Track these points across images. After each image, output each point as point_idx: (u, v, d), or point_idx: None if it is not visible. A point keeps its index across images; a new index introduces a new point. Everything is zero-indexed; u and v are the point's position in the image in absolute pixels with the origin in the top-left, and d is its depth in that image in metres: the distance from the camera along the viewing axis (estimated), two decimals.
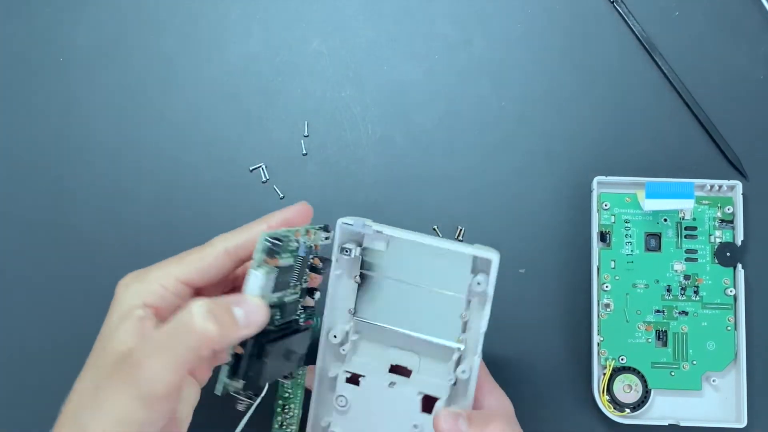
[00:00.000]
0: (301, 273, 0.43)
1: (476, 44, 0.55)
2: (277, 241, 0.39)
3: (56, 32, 0.55)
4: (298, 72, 0.55)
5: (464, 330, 0.45)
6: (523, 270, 0.53)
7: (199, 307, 0.35)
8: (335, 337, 0.45)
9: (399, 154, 0.54)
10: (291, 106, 0.54)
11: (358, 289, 0.46)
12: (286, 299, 0.41)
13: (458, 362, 0.44)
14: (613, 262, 0.51)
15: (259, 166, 0.54)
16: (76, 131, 0.54)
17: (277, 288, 0.40)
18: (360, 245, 0.45)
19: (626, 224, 0.51)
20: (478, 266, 0.44)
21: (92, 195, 0.54)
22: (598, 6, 0.55)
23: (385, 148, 0.54)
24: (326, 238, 0.44)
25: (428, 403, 0.43)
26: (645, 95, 0.54)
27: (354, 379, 0.44)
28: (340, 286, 0.46)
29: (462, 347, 0.44)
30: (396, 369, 0.46)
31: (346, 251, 0.45)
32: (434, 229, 0.53)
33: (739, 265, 0.51)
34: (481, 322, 0.43)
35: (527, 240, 0.53)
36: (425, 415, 0.43)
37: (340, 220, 0.45)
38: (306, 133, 0.54)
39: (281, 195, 0.54)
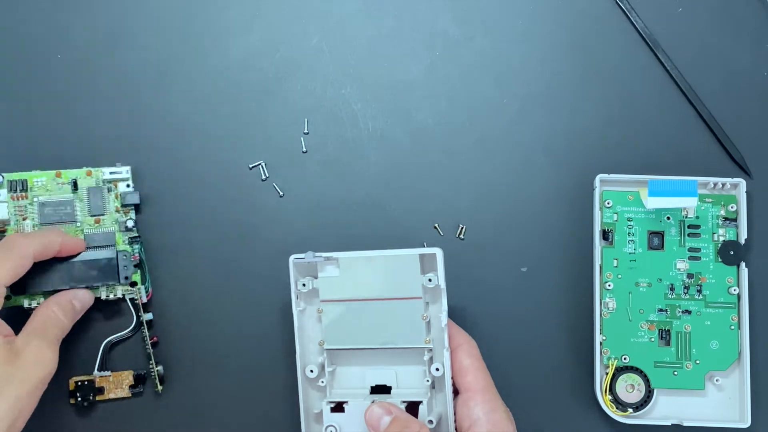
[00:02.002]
0: (97, 206, 0.51)
1: (478, 41, 0.54)
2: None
3: (54, 29, 0.55)
4: (298, 69, 0.54)
5: (429, 330, 0.47)
6: (525, 268, 0.52)
7: (59, 307, 0.48)
8: (312, 371, 0.48)
9: (400, 152, 0.54)
10: (291, 103, 0.54)
11: (323, 320, 0.48)
12: (87, 230, 0.50)
13: (431, 362, 0.47)
14: (615, 261, 0.51)
15: (259, 164, 0.53)
16: (75, 128, 0.54)
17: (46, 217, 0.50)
18: (315, 277, 0.48)
19: (629, 222, 0.51)
20: (426, 266, 0.47)
21: None
22: (600, 2, 0.54)
23: (385, 145, 0.54)
24: (111, 173, 0.51)
25: (413, 409, 0.45)
26: (648, 92, 0.53)
27: (339, 407, 0.46)
28: (305, 321, 0.48)
29: (431, 346, 0.47)
30: (377, 387, 0.48)
31: (305, 285, 0.48)
32: (435, 228, 0.53)
33: (743, 264, 0.50)
34: (441, 315, 0.46)
35: (529, 238, 0.52)
36: None
37: (292, 257, 0.47)
38: (306, 131, 0.54)
39: (281, 193, 0.53)
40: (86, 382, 0.51)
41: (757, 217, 0.52)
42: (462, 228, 0.53)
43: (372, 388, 0.48)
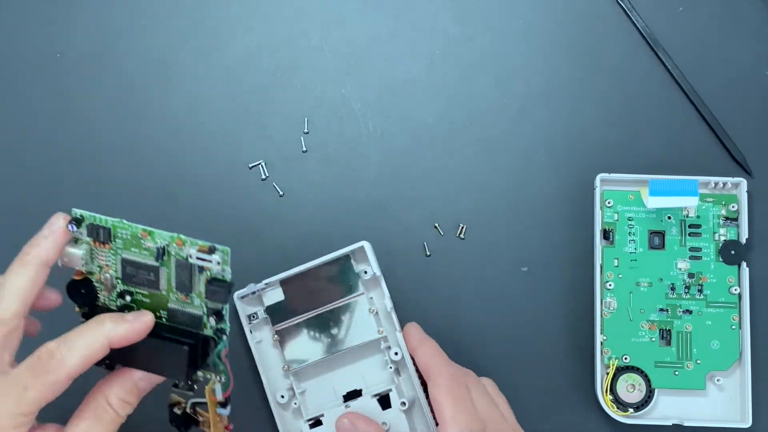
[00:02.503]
0: (183, 283, 0.41)
1: (478, 40, 0.54)
2: (76, 223, 0.41)
3: (53, 27, 0.55)
4: (297, 68, 0.54)
5: (379, 320, 0.49)
6: (526, 268, 0.52)
7: (117, 398, 0.40)
8: (282, 397, 0.49)
9: (400, 151, 0.53)
10: (290, 103, 0.54)
11: (282, 345, 0.49)
12: (172, 304, 0.41)
13: (389, 349, 0.49)
14: (616, 260, 0.50)
15: (259, 164, 0.53)
16: (74, 128, 0.54)
17: (127, 279, 0.41)
18: (263, 306, 0.49)
19: (629, 222, 0.51)
20: (360, 262, 0.49)
21: (89, 191, 0.53)
22: (601, 1, 0.54)
23: (385, 144, 0.53)
24: (204, 259, 0.40)
25: (385, 400, 0.48)
26: (648, 91, 0.53)
27: (317, 422, 0.48)
28: (264, 351, 0.50)
29: (385, 335, 0.49)
30: (348, 394, 0.49)
31: (254, 317, 0.50)
32: (435, 227, 0.53)
33: (744, 263, 0.50)
34: (384, 301, 0.49)
35: (529, 238, 0.52)
36: (387, 411, 0.48)
37: (237, 294, 0.49)
38: (306, 130, 0.54)
39: (281, 193, 0.53)
40: (184, 408, 0.44)
41: (758, 216, 0.52)
42: (462, 227, 0.53)
43: (344, 396, 0.49)
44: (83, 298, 0.42)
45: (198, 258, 0.40)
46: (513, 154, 0.53)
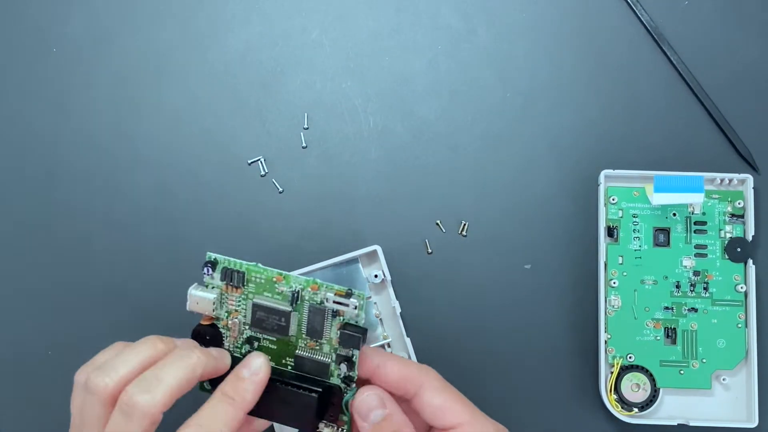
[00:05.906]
0: (315, 329, 0.41)
1: (480, 35, 0.54)
2: (211, 267, 0.41)
3: (49, 22, 0.54)
4: (297, 63, 0.54)
5: (383, 325, 0.50)
6: (529, 266, 0.52)
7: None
8: None
9: (401, 147, 0.53)
10: (290, 98, 0.53)
11: None
12: (299, 351, 0.41)
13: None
14: (620, 258, 0.50)
15: (258, 159, 0.53)
16: (71, 123, 0.53)
17: (259, 325, 0.41)
18: None
19: (634, 219, 0.50)
20: (368, 265, 0.50)
21: (86, 188, 0.53)
22: None
23: (386, 140, 0.53)
24: (342, 303, 0.40)
25: None
26: (653, 87, 0.53)
27: None
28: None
29: (389, 340, 0.50)
30: None
31: None
32: (437, 224, 0.52)
33: (750, 261, 0.50)
34: (393, 305, 0.49)
35: (533, 235, 0.52)
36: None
37: None
38: (306, 126, 0.53)
39: (280, 189, 0.52)
40: None
41: (765, 213, 0.51)
42: (464, 224, 0.52)
43: None
44: (208, 344, 0.41)
45: (335, 302, 0.40)
46: (516, 150, 0.53)
